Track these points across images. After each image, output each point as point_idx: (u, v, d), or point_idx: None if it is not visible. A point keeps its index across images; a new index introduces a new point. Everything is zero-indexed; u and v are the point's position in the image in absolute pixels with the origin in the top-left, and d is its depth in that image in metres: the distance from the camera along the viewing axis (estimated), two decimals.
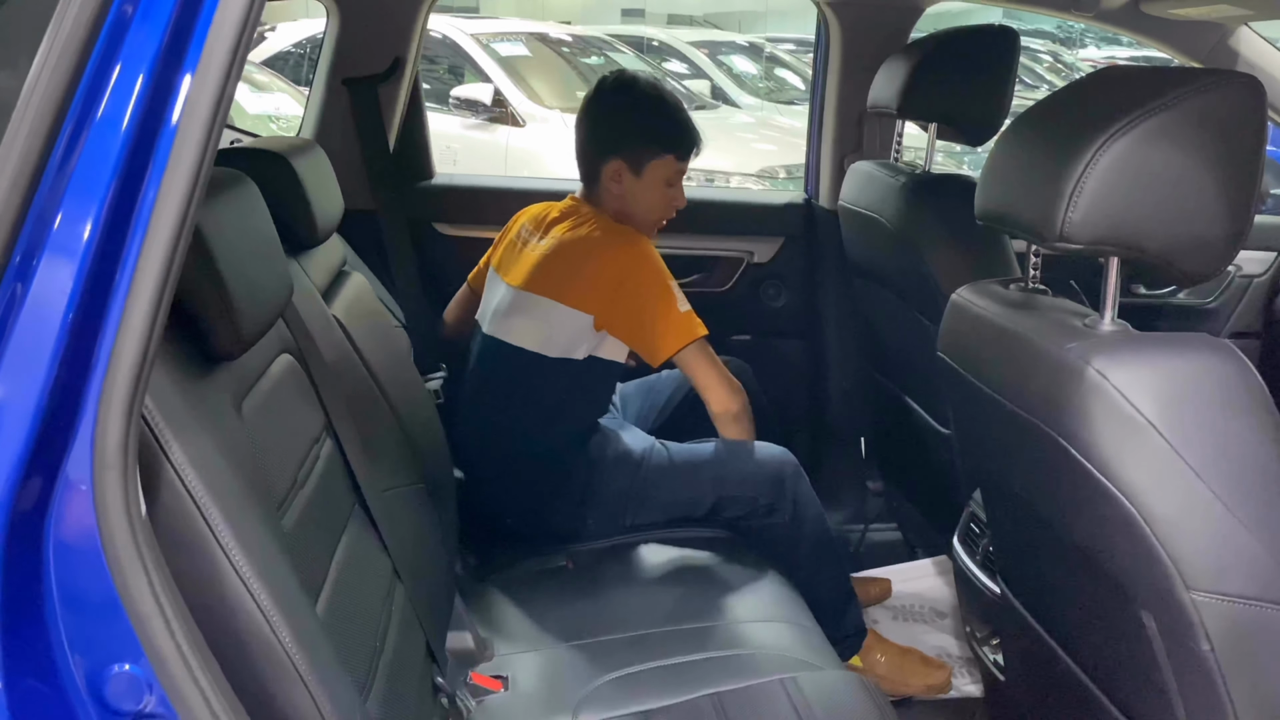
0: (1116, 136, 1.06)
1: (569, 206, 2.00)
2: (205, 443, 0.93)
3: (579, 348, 1.89)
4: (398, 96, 2.39)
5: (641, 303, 1.86)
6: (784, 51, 9.28)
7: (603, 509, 1.95)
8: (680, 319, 1.86)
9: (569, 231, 1.91)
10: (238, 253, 1.09)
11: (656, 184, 1.95)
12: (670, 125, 1.94)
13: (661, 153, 1.93)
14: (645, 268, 1.86)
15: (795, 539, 1.96)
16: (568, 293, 1.86)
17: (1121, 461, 1.07)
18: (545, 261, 1.90)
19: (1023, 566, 1.56)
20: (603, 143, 1.93)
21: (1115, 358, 1.08)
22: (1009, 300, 1.31)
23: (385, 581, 1.36)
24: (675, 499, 1.96)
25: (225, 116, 0.81)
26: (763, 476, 1.94)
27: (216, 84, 0.79)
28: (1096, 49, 13.85)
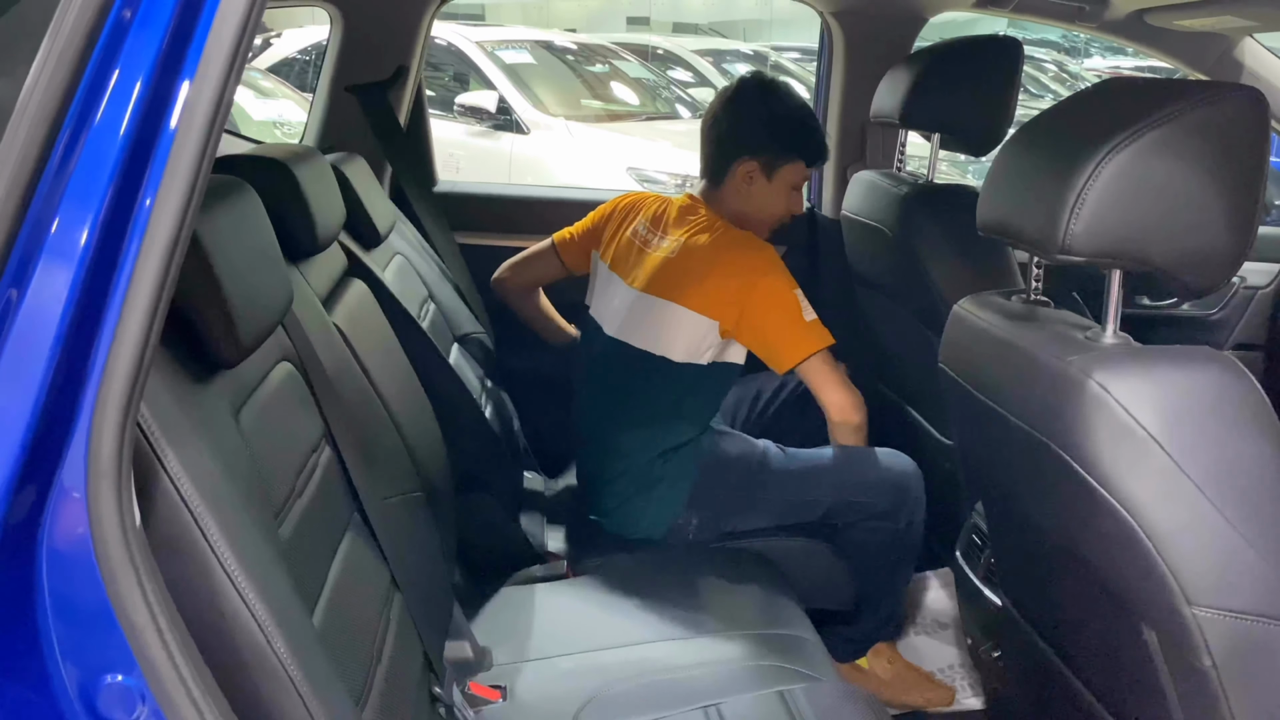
0: (1119, 149, 1.06)
1: (687, 205, 1.99)
2: (201, 451, 0.93)
3: (704, 353, 1.89)
4: (401, 104, 2.39)
5: (768, 311, 1.86)
6: (788, 60, 9.29)
7: (710, 511, 1.95)
8: (806, 328, 1.86)
9: (692, 236, 1.91)
10: (236, 260, 1.08)
11: (784, 188, 1.97)
12: (807, 132, 1.96)
13: (795, 158, 1.95)
14: (773, 275, 1.86)
15: (893, 546, 1.97)
16: (694, 298, 1.87)
17: (1123, 475, 1.06)
18: (670, 266, 1.90)
19: (1024, 579, 1.55)
20: (740, 141, 1.94)
21: (1117, 371, 1.07)
22: (1010, 312, 1.30)
23: (383, 590, 1.35)
24: (789, 503, 1.96)
25: (223, 122, 0.81)
26: (886, 484, 1.94)
27: (215, 90, 0.79)
28: (1102, 58, 13.84)
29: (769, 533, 1.97)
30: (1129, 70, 13.29)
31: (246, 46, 0.80)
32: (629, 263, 1.99)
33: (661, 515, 1.95)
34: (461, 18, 9.69)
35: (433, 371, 1.83)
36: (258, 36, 4.48)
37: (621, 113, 6.54)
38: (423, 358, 1.82)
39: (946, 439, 2.10)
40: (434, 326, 2.11)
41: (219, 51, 0.78)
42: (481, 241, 2.56)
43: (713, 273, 1.86)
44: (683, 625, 1.70)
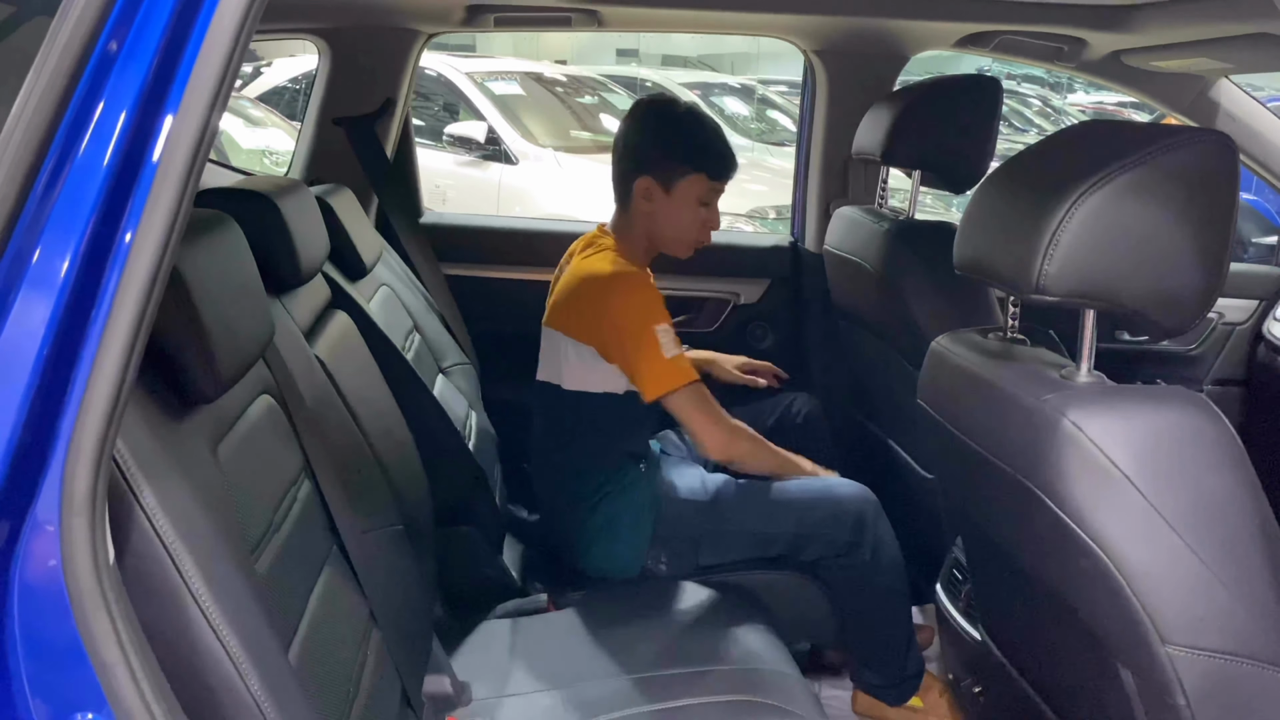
0: (1091, 191, 1.08)
1: (594, 235, 2.00)
2: (178, 487, 0.93)
3: (605, 381, 1.88)
4: (388, 136, 2.40)
5: (623, 341, 1.85)
6: (775, 93, 9.37)
7: (677, 547, 1.94)
8: (664, 365, 1.83)
9: (578, 265, 1.92)
10: (217, 294, 1.09)
11: (688, 202, 1.92)
12: (701, 143, 1.93)
13: (691, 170, 1.91)
14: (631, 309, 1.83)
15: (869, 578, 1.96)
16: (574, 326, 1.87)
17: (1096, 513, 1.07)
18: (558, 297, 1.92)
19: (1003, 615, 1.55)
20: (634, 160, 1.93)
21: (1090, 410, 1.08)
22: (987, 349, 1.31)
23: (361, 625, 1.34)
24: (752, 536, 1.94)
25: (206, 155, 0.82)
26: (846, 515, 1.93)
27: (198, 123, 0.79)
28: (1085, 94, 14.01)
29: (749, 565, 1.97)
30: (1112, 106, 13.45)
31: (231, 80, 0.81)
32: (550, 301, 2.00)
33: (630, 555, 1.94)
34: (452, 49, 9.75)
35: (416, 403, 1.83)
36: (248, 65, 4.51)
37: (610, 144, 6.55)
38: (406, 389, 1.82)
39: (927, 474, 2.11)
40: (419, 358, 2.11)
41: (203, 85, 0.79)
42: (468, 273, 2.57)
43: (579, 297, 1.86)
44: (663, 660, 1.69)
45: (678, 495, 1.95)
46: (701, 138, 1.94)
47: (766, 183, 6.23)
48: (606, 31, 2.38)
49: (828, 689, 2.20)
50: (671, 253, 1.98)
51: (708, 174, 1.92)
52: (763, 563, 1.97)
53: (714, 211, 1.97)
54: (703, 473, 2.03)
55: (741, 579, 1.96)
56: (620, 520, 1.93)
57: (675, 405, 1.86)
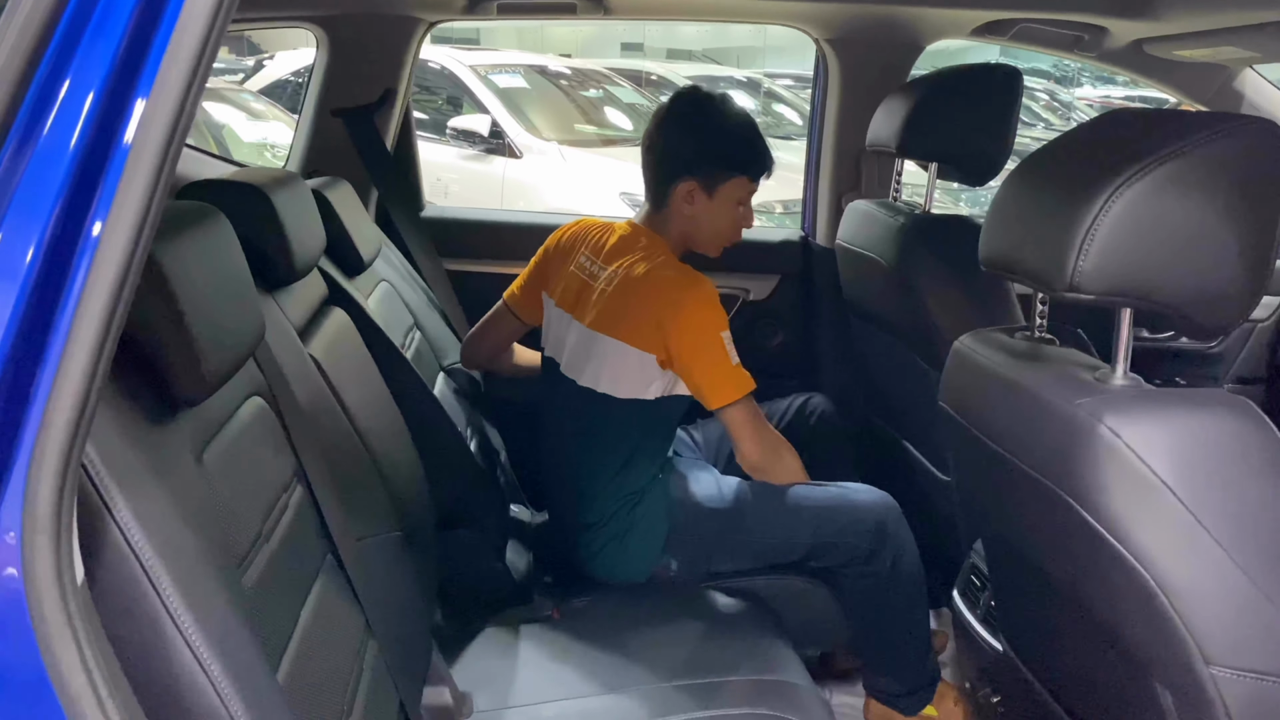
0: (1130, 182, 1.01)
1: (628, 233, 1.92)
2: (157, 497, 0.87)
3: (649, 387, 1.83)
4: (388, 128, 2.34)
5: (694, 350, 1.79)
6: (781, 87, 9.29)
7: (689, 553, 1.89)
8: (730, 372, 1.79)
9: (630, 266, 1.85)
10: (202, 291, 1.02)
11: (728, 205, 1.88)
12: (746, 145, 1.88)
13: (736, 173, 1.86)
14: (701, 312, 1.79)
15: (889, 588, 1.90)
16: (629, 332, 1.81)
17: (1136, 526, 1.01)
18: (608, 299, 1.84)
19: (1027, 627, 1.49)
20: (677, 161, 1.86)
21: (1129, 415, 1.02)
22: (1014, 350, 1.25)
23: (357, 637, 1.28)
24: (769, 544, 1.89)
25: (182, 141, 0.75)
26: (866, 523, 1.87)
27: (173, 106, 0.73)
28: (1092, 87, 13.92)
29: (759, 572, 1.91)
30: (1120, 99, 13.37)
31: (208, 61, 0.75)
32: (578, 298, 1.93)
33: (641, 561, 1.89)
34: (456, 41, 9.68)
35: (416, 403, 1.77)
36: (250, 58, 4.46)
37: (615, 138, 6.52)
38: (406, 389, 1.76)
39: (944, 476, 2.05)
40: (419, 356, 2.05)
41: (178, 66, 0.73)
42: (471, 268, 2.50)
43: (644, 305, 1.80)
44: (670, 670, 1.63)
45: (693, 501, 1.89)
46: (745, 139, 1.88)
47: (774, 177, 6.15)
48: (613, 19, 2.32)
49: (839, 696, 2.14)
50: (704, 252, 1.93)
51: (750, 176, 1.88)
52: (775, 570, 1.91)
53: (749, 210, 1.93)
54: (717, 476, 1.98)
55: (749, 584, 1.91)
56: (635, 526, 1.88)
57: (731, 414, 1.81)
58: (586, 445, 1.90)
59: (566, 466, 1.94)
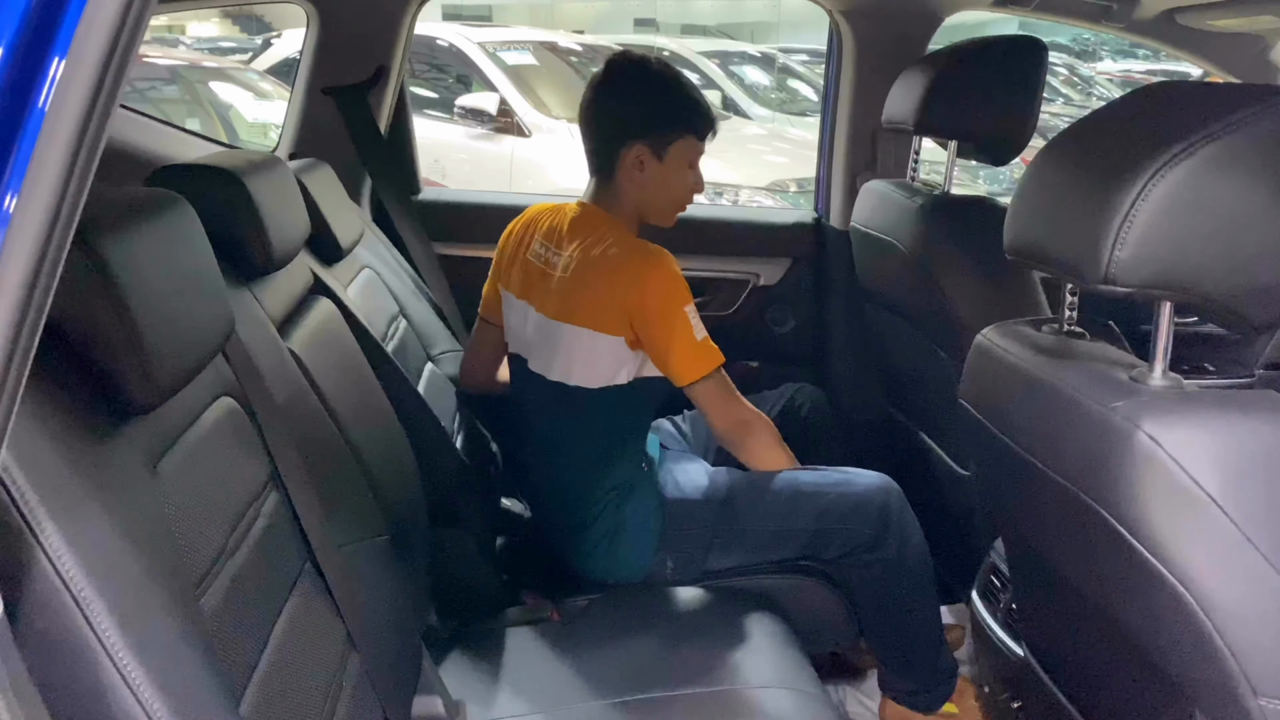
0: (1173, 164, 0.92)
1: (579, 216, 1.84)
2: (95, 519, 0.79)
3: (621, 372, 1.77)
4: (382, 107, 2.25)
5: (658, 326, 1.73)
6: (797, 62, 9.14)
7: (684, 550, 1.81)
8: (697, 349, 1.73)
9: (586, 249, 1.77)
10: (157, 287, 0.94)
11: (680, 167, 1.81)
12: (690, 103, 1.81)
13: (685, 133, 1.79)
14: (665, 292, 1.72)
15: (895, 576, 1.82)
16: (593, 317, 1.74)
17: (1177, 542, 0.92)
18: (571, 287, 1.77)
19: (1051, 635, 1.40)
20: (622, 127, 1.78)
21: (1169, 420, 0.93)
22: (1042, 345, 1.16)
23: (337, 651, 1.20)
24: (767, 536, 1.81)
25: (108, 109, 0.67)
26: (868, 509, 1.79)
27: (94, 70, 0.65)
28: (1113, 61, 13.71)
29: (760, 570, 1.83)
30: (1141, 74, 13.14)
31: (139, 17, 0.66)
32: (535, 287, 1.85)
33: (634, 561, 1.81)
34: (467, 18, 9.56)
35: (395, 396, 1.69)
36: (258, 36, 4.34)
37: None
38: (384, 381, 1.68)
39: (962, 470, 1.95)
40: (404, 345, 1.96)
41: (101, 20, 0.64)
42: (469, 253, 2.42)
43: (606, 286, 1.73)
44: (675, 679, 1.56)
45: (685, 494, 1.82)
46: (689, 97, 1.81)
47: (787, 154, 6.06)
48: None
49: (854, 697, 2.06)
50: (658, 222, 1.86)
51: (697, 134, 1.81)
52: (775, 565, 1.83)
53: (699, 173, 1.86)
54: (708, 467, 1.90)
55: (753, 583, 1.82)
56: (626, 524, 1.80)
57: (700, 390, 1.75)
58: (564, 442, 1.83)
59: (546, 467, 1.87)
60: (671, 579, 1.81)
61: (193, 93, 5.76)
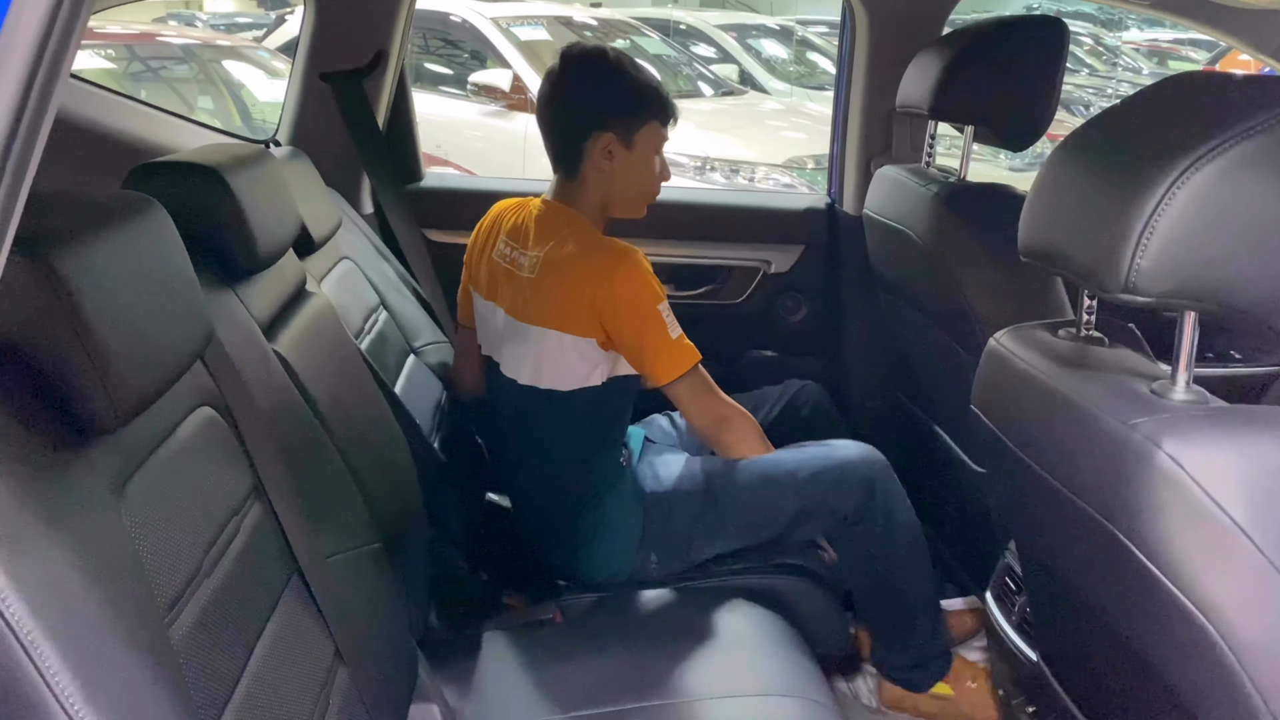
0: (1199, 165, 0.85)
1: (544, 212, 1.80)
2: (47, 555, 0.74)
3: (594, 373, 1.73)
4: (381, 93, 2.19)
5: (631, 326, 1.70)
6: (815, 35, 9.00)
7: (668, 543, 1.78)
8: (672, 347, 1.70)
9: (552, 249, 1.73)
10: (119, 299, 0.90)
11: (648, 155, 1.78)
12: (653, 91, 1.78)
13: (650, 119, 1.76)
14: (637, 291, 1.69)
15: (885, 546, 1.79)
16: (563, 318, 1.70)
17: (1199, 570, 0.86)
18: (535, 287, 1.73)
19: (1064, 647, 1.35)
20: (588, 117, 1.74)
21: (1192, 439, 0.87)
22: (1058, 353, 1.10)
23: (323, 667, 1.17)
24: (750, 519, 1.78)
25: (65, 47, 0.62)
26: (850, 479, 1.76)
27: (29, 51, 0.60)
28: (1139, 30, 13.45)
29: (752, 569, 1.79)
30: (1168, 43, 12.87)
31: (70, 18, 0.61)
32: (502, 288, 1.81)
33: (617, 558, 1.78)
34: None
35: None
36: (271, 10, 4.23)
37: None
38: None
39: (977, 467, 1.90)
40: (384, 338, 1.90)
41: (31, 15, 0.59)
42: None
43: (574, 287, 1.69)
44: (680, 686, 1.51)
45: (664, 487, 1.79)
46: (651, 85, 1.78)
47: (805, 130, 5.96)
48: None
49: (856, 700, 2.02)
50: (628, 214, 1.83)
51: (661, 122, 1.78)
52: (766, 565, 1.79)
53: (664, 162, 1.83)
54: (688, 458, 1.87)
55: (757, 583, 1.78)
56: (607, 522, 1.77)
57: (677, 390, 1.73)
58: (540, 445, 1.79)
59: (525, 468, 1.83)
60: (658, 574, 1.78)
61: (206, 71, 5.73)
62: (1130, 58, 12.19)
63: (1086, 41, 11.43)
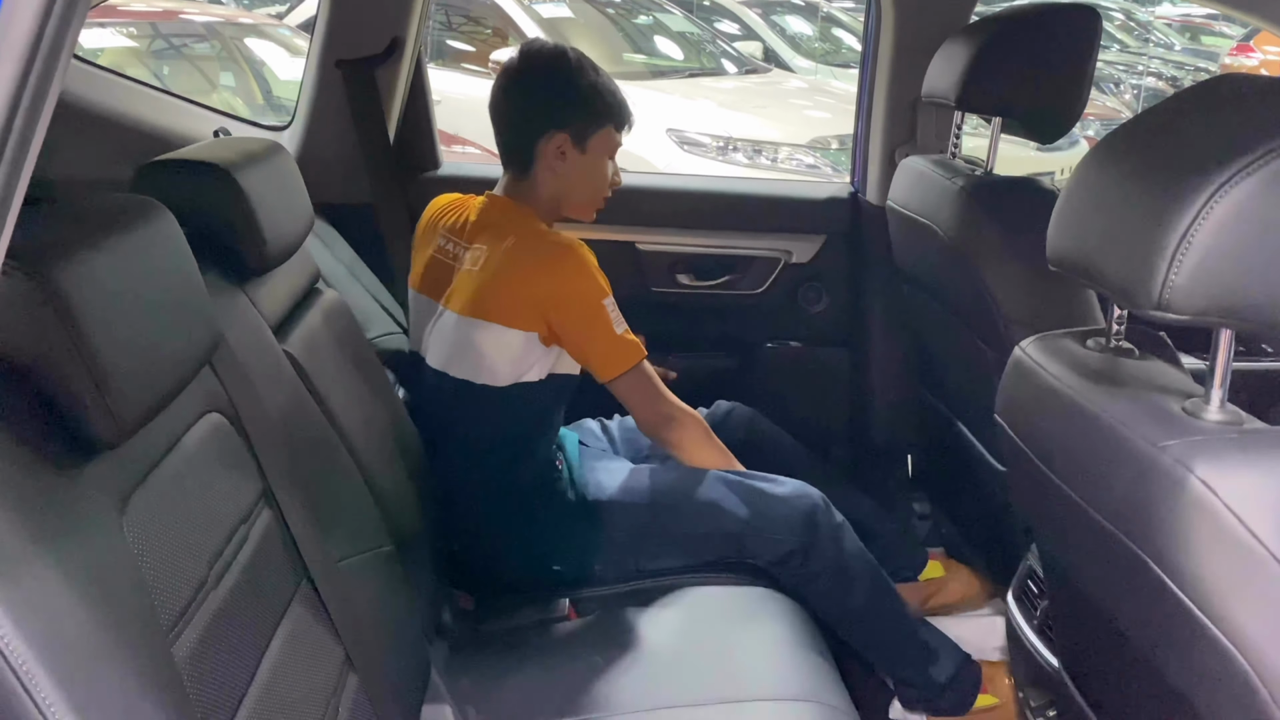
0: (1237, 180, 0.82)
1: (488, 206, 1.79)
2: (43, 578, 0.73)
3: (533, 369, 1.71)
4: (397, 80, 2.16)
5: (575, 322, 1.69)
6: (841, 10, 8.88)
7: (610, 553, 1.76)
8: (617, 343, 1.69)
9: (494, 242, 1.71)
10: (121, 311, 0.88)
11: (599, 159, 1.77)
12: (609, 95, 1.76)
13: (605, 122, 1.75)
14: (583, 285, 1.67)
15: (836, 588, 1.75)
16: (504, 312, 1.68)
17: (1231, 600, 0.83)
18: (481, 282, 1.69)
19: (1086, 658, 1.32)
20: (542, 117, 1.73)
21: (1226, 464, 0.84)
22: (1086, 365, 1.06)
23: (333, 673, 1.16)
24: (695, 538, 1.76)
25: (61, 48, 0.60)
26: (791, 519, 1.73)
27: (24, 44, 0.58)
28: (1171, 4, 13.19)
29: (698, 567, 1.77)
30: (1201, 18, 12.60)
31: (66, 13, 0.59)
32: (441, 283, 1.78)
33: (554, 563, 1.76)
34: None
35: None
36: None
37: (664, 68, 6.26)
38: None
39: (1000, 466, 1.86)
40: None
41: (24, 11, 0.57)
42: None
43: (518, 280, 1.67)
44: (698, 687, 1.50)
45: (606, 496, 1.77)
46: (608, 89, 1.77)
47: (830, 109, 5.87)
48: None
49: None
50: (577, 216, 1.82)
51: (615, 126, 1.77)
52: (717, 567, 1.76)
53: (616, 166, 1.82)
54: (630, 466, 1.84)
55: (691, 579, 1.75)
56: (539, 526, 1.75)
57: (621, 385, 1.72)
58: (468, 442, 1.76)
59: (452, 468, 1.78)
60: (601, 581, 1.75)
61: (228, 49, 5.72)
62: (1162, 33, 11.97)
63: (1117, 16, 11.23)
